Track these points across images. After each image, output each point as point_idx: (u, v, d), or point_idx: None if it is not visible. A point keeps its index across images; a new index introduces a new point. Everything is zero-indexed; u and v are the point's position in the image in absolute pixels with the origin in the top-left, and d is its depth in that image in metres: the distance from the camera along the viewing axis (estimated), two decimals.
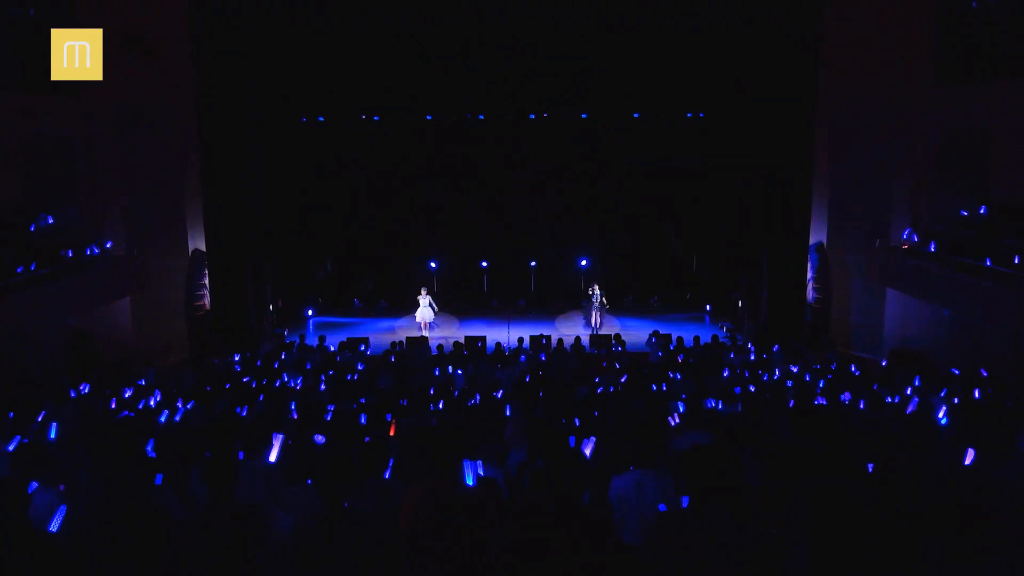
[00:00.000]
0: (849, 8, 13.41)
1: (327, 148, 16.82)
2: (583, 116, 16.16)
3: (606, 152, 17.07)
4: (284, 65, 13.56)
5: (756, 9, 12.52)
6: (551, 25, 12.73)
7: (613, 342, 12.65)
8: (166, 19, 13.41)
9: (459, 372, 10.10)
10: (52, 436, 5.59)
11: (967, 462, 3.97)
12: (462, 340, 12.96)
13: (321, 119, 16.14)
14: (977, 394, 7.77)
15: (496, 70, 13.82)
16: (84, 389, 8.68)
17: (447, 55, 13.36)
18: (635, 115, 15.99)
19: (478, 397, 7.58)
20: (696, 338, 12.60)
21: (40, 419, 6.32)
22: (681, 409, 6.46)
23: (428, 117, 16.15)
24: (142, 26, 13.23)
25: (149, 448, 4.91)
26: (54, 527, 3.19)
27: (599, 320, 15.49)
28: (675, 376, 9.30)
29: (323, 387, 8.94)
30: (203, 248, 14.43)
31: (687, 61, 13.39)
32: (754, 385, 8.62)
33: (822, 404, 7.32)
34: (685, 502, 2.98)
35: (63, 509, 3.26)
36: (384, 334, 15.24)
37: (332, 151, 16.93)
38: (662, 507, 3.43)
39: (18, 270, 11.18)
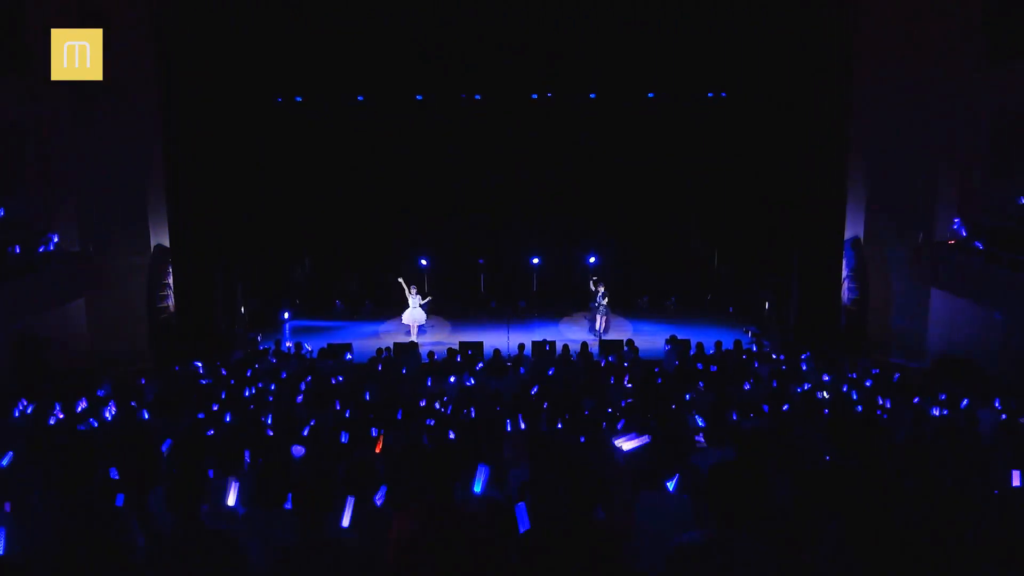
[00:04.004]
0: None
1: (306, 133, 16.77)
2: (591, 97, 16.09)
3: (619, 138, 17.01)
4: (257, 41, 13.53)
5: None
6: None
7: (624, 348, 12.66)
8: None
9: (452, 382, 10.10)
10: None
11: (1015, 484, 3.98)
12: (456, 346, 12.97)
13: (299, 99, 16.10)
14: None
15: (495, 45, 13.75)
16: (34, 402, 8.67)
17: (439, 26, 13.29)
18: (650, 95, 15.93)
19: (474, 410, 7.58)
20: (718, 344, 12.60)
21: None
22: (701, 424, 6.46)
23: (418, 97, 16.09)
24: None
25: (108, 466, 4.90)
26: None
27: (604, 324, 15.49)
28: (694, 386, 9.29)
29: (300, 399, 8.94)
30: (167, 244, 14.42)
31: (709, 39, 13.32)
32: (783, 397, 8.61)
33: (858, 417, 7.32)
34: (709, 527, 2.98)
35: (2, 531, 3.27)
36: (369, 339, 15.26)
37: (311, 136, 16.88)
38: (692, 534, 3.42)
39: None
